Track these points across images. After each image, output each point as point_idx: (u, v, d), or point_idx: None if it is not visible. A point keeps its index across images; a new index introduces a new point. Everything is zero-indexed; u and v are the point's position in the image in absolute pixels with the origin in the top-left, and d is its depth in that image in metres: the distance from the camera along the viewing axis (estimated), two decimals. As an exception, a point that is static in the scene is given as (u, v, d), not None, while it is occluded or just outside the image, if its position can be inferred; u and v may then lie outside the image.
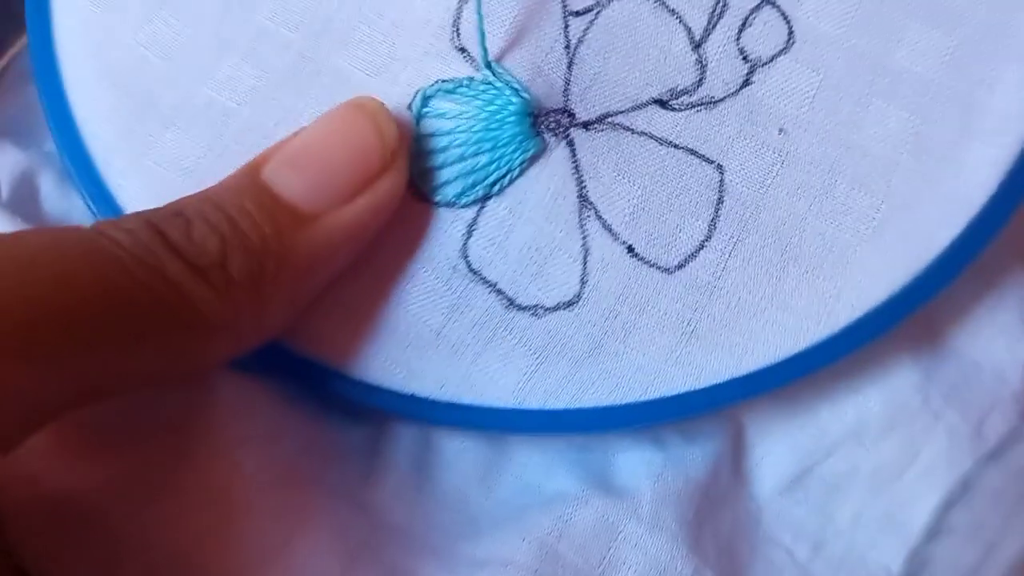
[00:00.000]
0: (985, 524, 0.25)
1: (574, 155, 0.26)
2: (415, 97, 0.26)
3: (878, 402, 0.27)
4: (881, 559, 0.26)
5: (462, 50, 0.26)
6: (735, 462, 0.27)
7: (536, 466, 0.26)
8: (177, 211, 0.22)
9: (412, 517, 0.26)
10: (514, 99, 0.26)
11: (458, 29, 0.27)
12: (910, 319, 0.25)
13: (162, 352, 0.21)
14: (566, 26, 0.27)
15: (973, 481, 0.26)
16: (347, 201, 0.24)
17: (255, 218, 0.23)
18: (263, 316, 0.23)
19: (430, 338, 0.25)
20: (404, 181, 0.25)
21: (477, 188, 0.26)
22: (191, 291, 0.21)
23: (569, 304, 0.26)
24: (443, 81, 0.26)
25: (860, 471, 0.27)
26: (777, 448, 0.27)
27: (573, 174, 0.26)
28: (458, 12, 0.27)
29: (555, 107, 0.26)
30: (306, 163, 0.24)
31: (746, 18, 0.27)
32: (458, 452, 0.26)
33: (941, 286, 0.25)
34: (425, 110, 0.26)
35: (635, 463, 0.26)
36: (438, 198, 0.26)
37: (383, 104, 0.25)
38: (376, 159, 0.24)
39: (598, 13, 0.27)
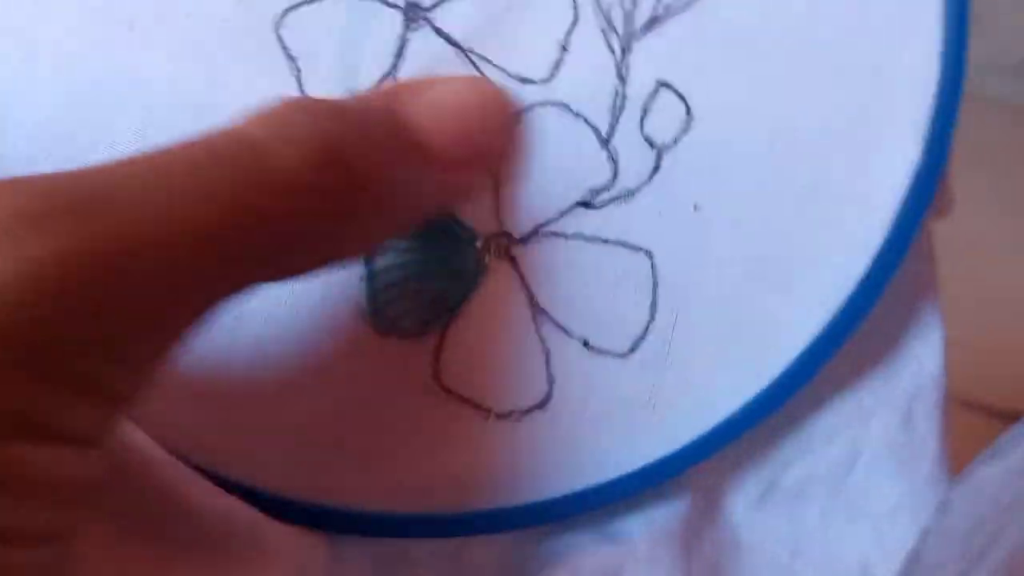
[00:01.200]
0: (984, 519, 0.29)
1: (517, 269, 0.29)
2: None
3: (820, 415, 0.30)
4: (855, 548, 0.31)
5: None
6: (708, 497, 0.31)
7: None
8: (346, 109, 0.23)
9: None
10: (462, 230, 0.28)
11: None
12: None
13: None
14: None
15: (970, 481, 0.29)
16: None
17: (396, 154, 0.24)
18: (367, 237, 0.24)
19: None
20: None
21: (441, 316, 0.28)
22: (323, 208, 0.21)
23: (541, 404, 0.29)
24: None
25: (816, 475, 0.31)
26: (742, 475, 0.31)
27: (520, 287, 0.29)
28: None
29: (494, 231, 0.29)
30: (448, 114, 0.26)
31: (645, 106, 0.29)
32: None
33: (858, 321, 0.28)
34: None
35: (626, 514, 0.30)
36: (401, 330, 0.29)
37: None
38: (498, 133, 0.27)
39: None
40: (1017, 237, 0.57)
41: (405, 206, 0.25)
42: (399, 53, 0.28)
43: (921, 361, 0.31)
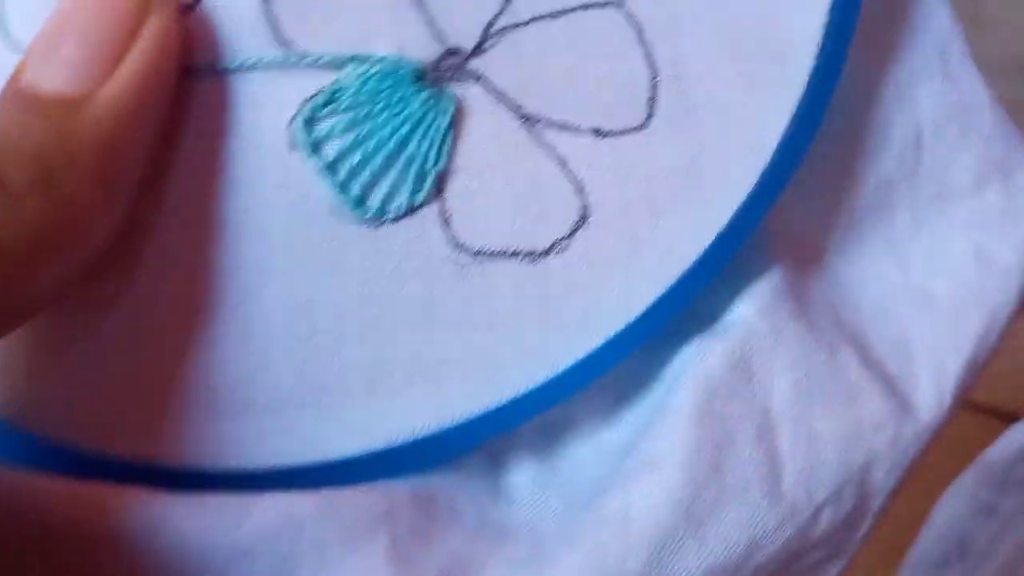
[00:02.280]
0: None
1: (486, 86, 0.24)
2: (292, 130, 0.23)
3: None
4: (958, 235, 0.27)
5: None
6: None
7: None
8: None
9: None
10: (400, 68, 0.23)
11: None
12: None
13: None
14: None
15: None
16: (115, 63, 0.21)
17: (24, 124, 0.21)
18: (80, 216, 0.21)
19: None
20: (173, 16, 0.22)
21: (426, 179, 0.24)
22: None
23: (579, 223, 0.24)
24: (308, 99, 0.23)
25: (890, 180, 0.27)
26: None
27: (500, 104, 0.24)
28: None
29: (436, 55, 0.24)
30: (56, 46, 0.21)
31: None
32: None
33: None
34: (315, 136, 0.23)
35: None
36: (391, 214, 0.24)
37: None
38: (129, 6, 0.21)
39: None
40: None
41: None
42: None
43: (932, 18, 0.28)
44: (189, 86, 0.23)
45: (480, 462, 0.25)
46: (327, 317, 0.23)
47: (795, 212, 0.27)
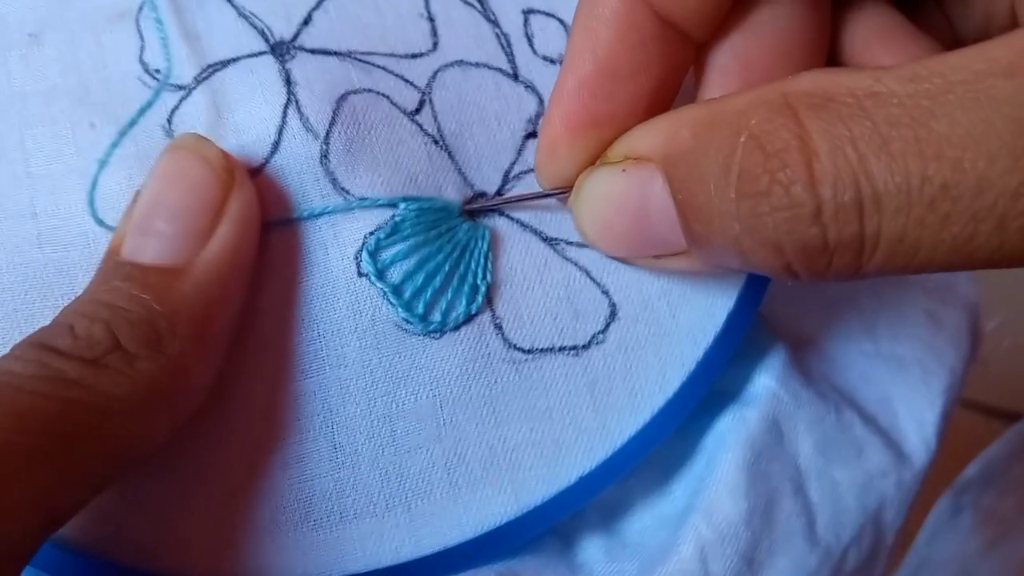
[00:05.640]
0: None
1: (510, 218, 0.28)
2: (359, 261, 0.26)
3: None
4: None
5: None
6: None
7: None
8: (57, 321, 0.23)
9: None
10: (446, 204, 0.27)
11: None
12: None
13: (104, 448, 0.22)
14: (419, 127, 0.28)
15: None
16: (207, 237, 0.24)
17: (129, 292, 0.23)
18: (186, 373, 0.23)
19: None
20: (253, 190, 0.25)
21: (479, 292, 0.27)
22: (96, 383, 0.22)
23: (611, 318, 0.28)
24: (371, 233, 0.26)
25: None
26: None
27: (524, 230, 0.28)
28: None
29: (468, 196, 0.28)
30: (151, 222, 0.24)
31: (527, 33, 0.30)
32: None
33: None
34: (380, 263, 0.26)
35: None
36: (451, 324, 0.27)
37: (195, 133, 0.26)
38: (214, 186, 0.25)
39: (431, 102, 0.29)
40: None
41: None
42: (288, 84, 0.27)
43: None
44: (265, 237, 0.26)
45: (553, 543, 0.27)
46: (405, 423, 0.26)
47: (781, 303, 0.31)
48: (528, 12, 0.30)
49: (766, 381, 0.29)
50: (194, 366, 0.24)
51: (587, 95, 0.26)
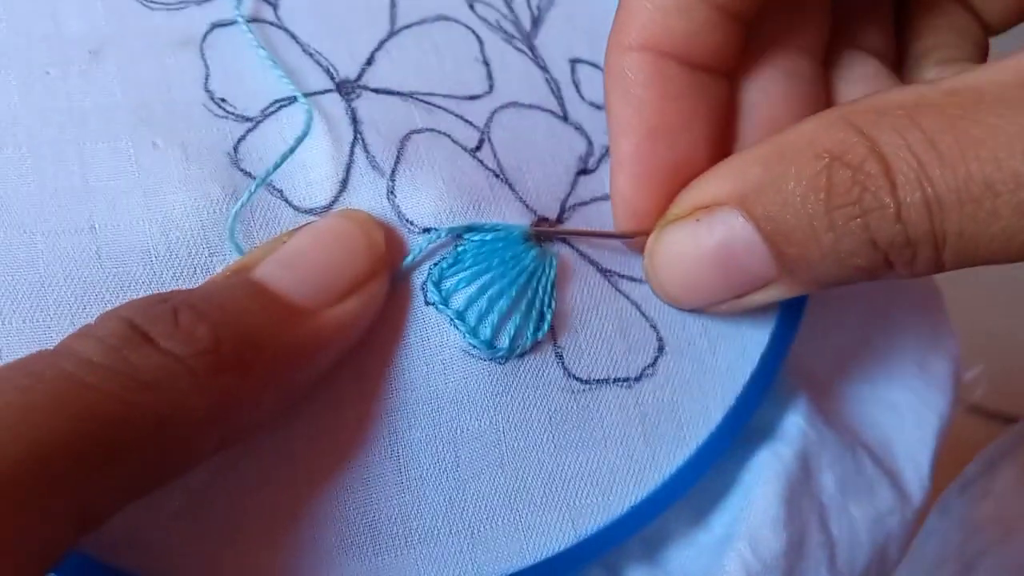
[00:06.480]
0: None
1: (573, 246, 0.29)
2: (426, 289, 0.27)
3: None
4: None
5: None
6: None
7: None
8: (162, 298, 0.22)
9: None
10: (511, 231, 0.28)
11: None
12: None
13: (155, 458, 0.21)
14: (480, 162, 0.29)
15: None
16: (340, 300, 0.25)
17: (250, 308, 0.23)
18: (256, 404, 0.23)
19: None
20: (387, 285, 0.26)
21: (545, 319, 0.28)
22: (169, 390, 0.21)
23: (659, 353, 0.29)
24: (435, 264, 0.27)
25: None
26: None
27: (583, 260, 0.29)
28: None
29: (534, 220, 0.29)
30: (300, 263, 0.25)
31: (574, 80, 0.32)
32: None
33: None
34: (444, 291, 0.27)
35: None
36: (518, 351, 0.27)
37: (370, 215, 0.27)
38: (366, 262, 0.25)
39: (489, 140, 0.30)
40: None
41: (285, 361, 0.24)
42: (355, 123, 0.28)
43: None
44: None
45: (600, 574, 0.28)
46: (469, 449, 0.26)
47: (795, 347, 0.33)
48: (575, 61, 0.32)
49: (797, 419, 0.31)
50: (269, 405, 0.23)
51: (647, 152, 0.28)
